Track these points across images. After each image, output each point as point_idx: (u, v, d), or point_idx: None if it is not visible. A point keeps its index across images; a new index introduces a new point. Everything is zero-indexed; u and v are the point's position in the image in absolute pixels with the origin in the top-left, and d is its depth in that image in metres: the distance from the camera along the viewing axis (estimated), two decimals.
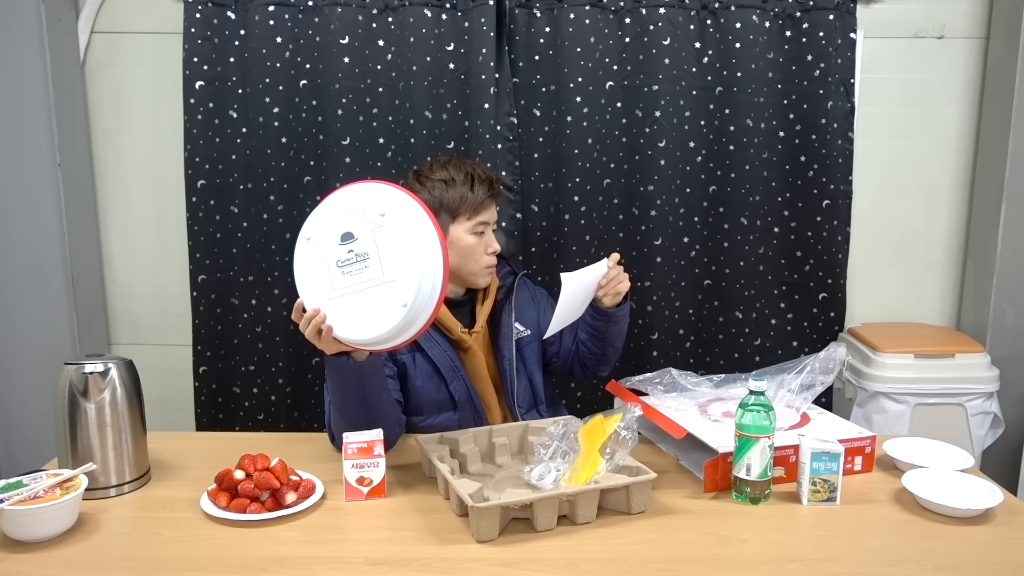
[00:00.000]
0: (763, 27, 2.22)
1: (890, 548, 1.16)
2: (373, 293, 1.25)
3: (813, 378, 1.49)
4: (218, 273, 2.28)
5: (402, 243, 1.23)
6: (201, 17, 2.17)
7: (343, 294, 1.27)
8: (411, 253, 1.23)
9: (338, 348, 1.32)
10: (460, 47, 2.19)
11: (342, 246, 1.27)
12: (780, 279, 2.35)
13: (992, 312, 2.28)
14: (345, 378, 1.37)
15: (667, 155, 2.25)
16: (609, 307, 1.61)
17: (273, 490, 1.26)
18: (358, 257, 1.26)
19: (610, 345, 1.68)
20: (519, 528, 1.21)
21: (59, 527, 1.19)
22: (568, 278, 1.52)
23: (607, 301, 1.60)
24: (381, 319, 1.24)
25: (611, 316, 1.62)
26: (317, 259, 1.30)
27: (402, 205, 1.27)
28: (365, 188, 1.30)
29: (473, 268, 1.59)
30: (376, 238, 1.25)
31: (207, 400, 2.34)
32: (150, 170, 2.37)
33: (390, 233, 1.24)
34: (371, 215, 1.25)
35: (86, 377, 1.31)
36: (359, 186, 1.31)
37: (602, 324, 1.64)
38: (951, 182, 2.41)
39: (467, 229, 1.57)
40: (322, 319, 1.28)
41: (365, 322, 1.26)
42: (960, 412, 2.11)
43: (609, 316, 1.62)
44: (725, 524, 1.24)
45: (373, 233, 1.25)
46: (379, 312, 1.24)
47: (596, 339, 1.67)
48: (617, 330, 1.66)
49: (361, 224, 1.26)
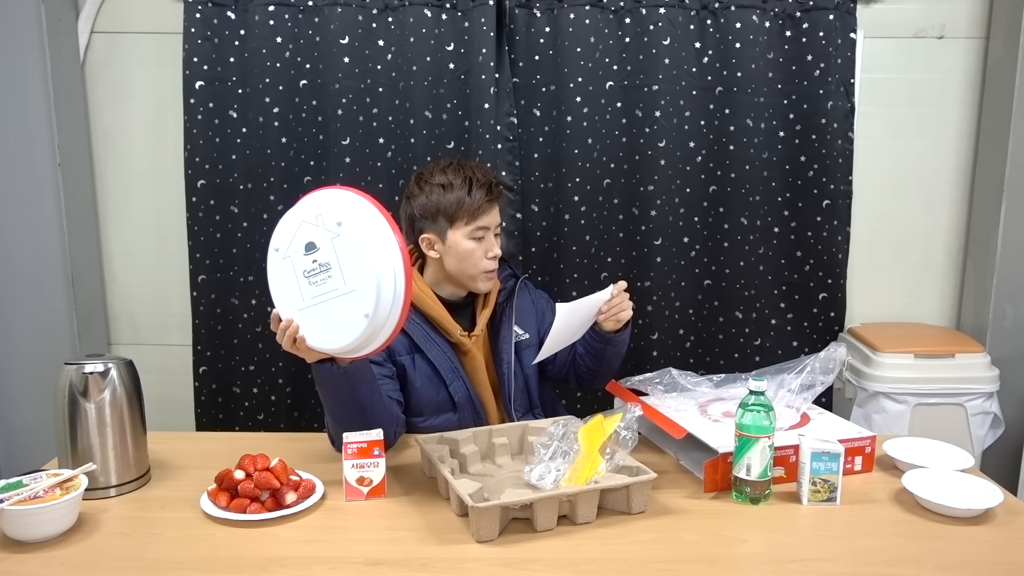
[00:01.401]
0: (763, 27, 2.22)
1: (890, 548, 1.16)
2: (337, 303, 1.24)
3: (813, 378, 1.49)
4: (218, 273, 2.28)
5: (359, 252, 1.21)
6: (201, 17, 2.17)
7: (311, 304, 1.26)
8: (368, 262, 1.20)
9: (317, 356, 1.31)
10: (460, 47, 2.19)
11: (307, 256, 1.26)
12: (780, 279, 2.36)
13: (992, 312, 2.28)
14: (332, 384, 1.37)
15: (667, 155, 2.25)
16: (608, 331, 1.61)
17: (273, 490, 1.26)
18: (321, 267, 1.25)
19: (606, 364, 1.68)
20: (519, 528, 1.21)
21: (59, 527, 1.19)
22: (563, 308, 1.51)
23: (607, 325, 1.60)
24: (346, 329, 1.23)
25: (608, 340, 1.62)
26: (286, 270, 1.29)
27: (358, 213, 1.24)
28: (324, 196, 1.28)
29: (472, 272, 1.58)
30: (335, 247, 1.23)
31: (207, 400, 2.34)
32: (150, 170, 2.37)
33: (347, 242, 1.22)
34: (329, 224, 1.24)
35: (86, 377, 1.31)
36: (319, 194, 1.29)
37: (599, 345, 1.64)
38: (951, 182, 2.41)
39: (465, 234, 1.56)
40: (295, 329, 1.27)
41: (333, 332, 1.25)
42: (960, 412, 2.11)
43: (607, 339, 1.62)
44: (725, 524, 1.24)
45: (332, 243, 1.23)
46: (344, 322, 1.23)
47: (592, 356, 1.67)
48: (614, 353, 1.66)
49: (321, 234, 1.24)
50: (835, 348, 1.51)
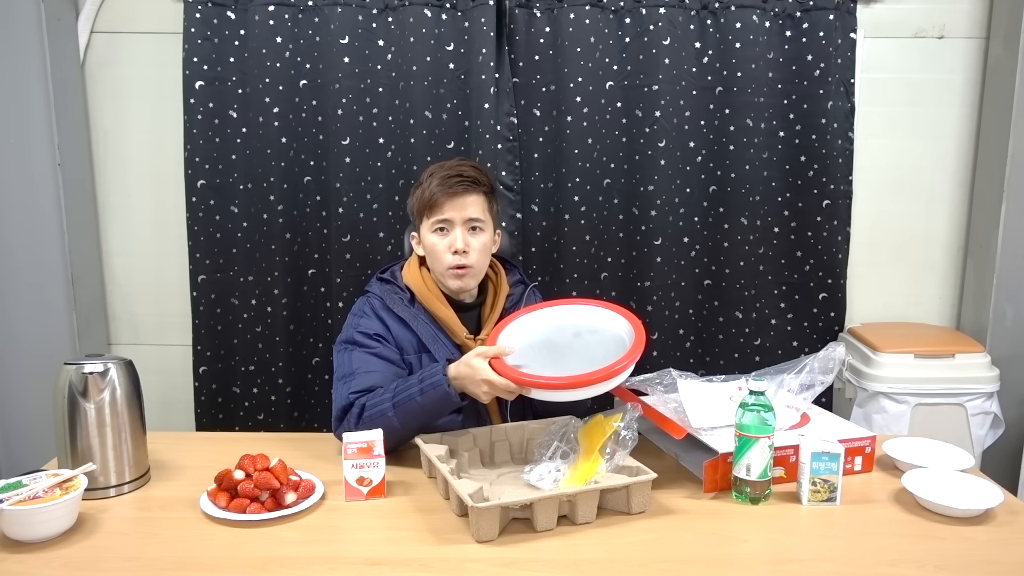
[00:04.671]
0: (763, 27, 2.22)
1: (890, 548, 1.16)
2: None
3: (813, 378, 1.49)
4: (218, 273, 2.28)
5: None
6: (201, 17, 2.17)
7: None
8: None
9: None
10: (460, 47, 2.19)
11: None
12: (780, 279, 2.36)
13: (992, 312, 2.28)
14: (442, 406, 1.43)
15: (667, 155, 2.25)
16: None
17: (273, 490, 1.26)
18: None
19: None
20: (519, 528, 1.21)
21: (59, 527, 1.19)
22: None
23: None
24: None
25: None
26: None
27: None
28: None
29: (438, 268, 1.59)
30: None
31: (207, 400, 2.34)
32: (150, 170, 2.37)
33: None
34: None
35: (86, 377, 1.31)
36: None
37: None
38: (951, 182, 2.40)
39: (428, 228, 1.58)
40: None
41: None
42: (960, 412, 2.11)
43: None
44: (725, 524, 1.24)
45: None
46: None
47: None
48: None
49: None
50: (834, 348, 1.51)
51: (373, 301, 1.61)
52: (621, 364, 1.36)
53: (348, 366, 1.53)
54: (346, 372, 1.53)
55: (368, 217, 2.26)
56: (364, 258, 2.27)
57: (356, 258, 2.27)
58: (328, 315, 2.31)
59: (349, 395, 1.48)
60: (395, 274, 1.66)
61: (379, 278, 1.66)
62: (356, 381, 1.49)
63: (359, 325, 1.58)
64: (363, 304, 1.62)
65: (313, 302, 2.33)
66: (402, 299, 1.60)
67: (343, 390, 1.50)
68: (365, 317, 1.59)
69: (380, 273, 1.68)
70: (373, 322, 1.58)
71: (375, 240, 2.26)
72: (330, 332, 2.28)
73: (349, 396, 1.48)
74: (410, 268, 1.65)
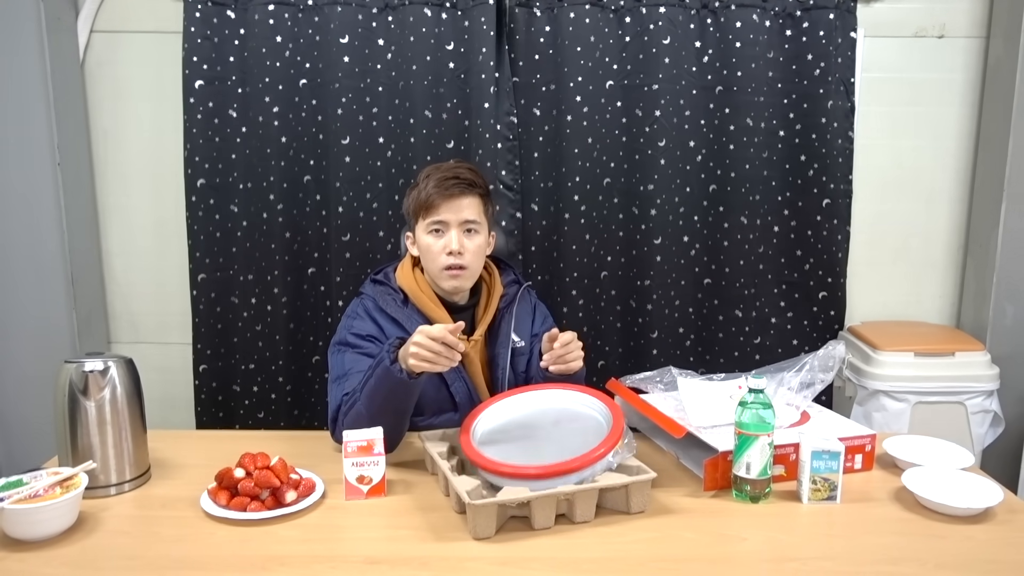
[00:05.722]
0: (763, 26, 2.22)
1: (890, 547, 1.16)
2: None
3: (812, 376, 1.49)
4: (218, 272, 2.28)
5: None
6: (201, 16, 2.17)
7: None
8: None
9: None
10: (460, 46, 2.19)
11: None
12: (780, 278, 2.36)
13: (992, 311, 2.28)
14: (397, 390, 1.39)
15: (667, 154, 2.25)
16: (554, 373, 1.52)
17: (273, 488, 1.26)
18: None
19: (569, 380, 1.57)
20: (519, 527, 1.21)
21: (59, 526, 1.19)
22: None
23: (552, 369, 1.51)
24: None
25: (559, 378, 1.53)
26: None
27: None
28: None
29: (433, 269, 1.58)
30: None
31: (207, 398, 2.34)
32: (150, 169, 2.37)
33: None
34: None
35: (86, 375, 1.31)
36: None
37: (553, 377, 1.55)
38: (951, 182, 2.41)
39: (423, 229, 1.58)
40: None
41: None
42: (960, 410, 2.11)
43: (557, 378, 1.53)
44: (725, 523, 1.24)
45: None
46: None
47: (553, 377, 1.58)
48: (572, 379, 1.55)
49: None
50: (834, 346, 1.51)
51: (366, 302, 1.61)
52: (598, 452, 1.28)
53: (341, 367, 1.53)
54: (339, 374, 1.53)
55: (368, 216, 2.26)
56: (364, 257, 2.27)
57: (356, 257, 2.27)
58: (328, 314, 2.31)
59: (343, 396, 1.48)
60: (388, 275, 1.66)
61: (372, 279, 1.67)
62: (349, 382, 1.49)
63: (352, 327, 1.58)
64: (356, 305, 1.63)
65: (313, 301, 2.33)
66: (395, 300, 1.60)
67: (337, 392, 1.50)
68: (358, 319, 1.59)
69: (373, 274, 1.68)
70: (366, 323, 1.58)
71: (375, 239, 2.27)
72: (330, 331, 2.28)
73: (342, 397, 1.48)
74: (403, 269, 1.65)
